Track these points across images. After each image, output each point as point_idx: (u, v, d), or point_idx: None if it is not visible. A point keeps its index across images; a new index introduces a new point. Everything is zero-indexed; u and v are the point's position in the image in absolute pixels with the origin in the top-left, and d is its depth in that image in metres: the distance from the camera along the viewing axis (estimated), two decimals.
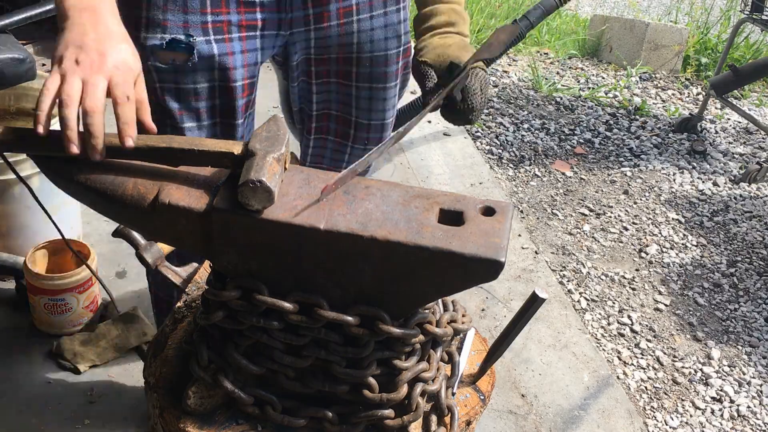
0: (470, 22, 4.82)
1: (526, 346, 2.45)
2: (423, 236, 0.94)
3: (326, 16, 1.42)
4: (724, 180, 3.58)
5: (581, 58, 4.84)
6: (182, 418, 1.07)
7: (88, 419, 1.99)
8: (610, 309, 2.74)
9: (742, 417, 2.36)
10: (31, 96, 2.46)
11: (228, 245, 0.99)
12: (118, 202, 1.03)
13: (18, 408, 2.01)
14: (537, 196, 3.35)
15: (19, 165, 2.19)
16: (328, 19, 1.42)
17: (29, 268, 2.13)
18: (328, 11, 1.41)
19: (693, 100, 4.40)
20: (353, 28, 1.45)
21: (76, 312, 2.19)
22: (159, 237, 1.14)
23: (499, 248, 0.93)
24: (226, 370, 1.06)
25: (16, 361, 2.14)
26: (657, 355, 2.56)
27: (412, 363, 1.05)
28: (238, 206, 0.95)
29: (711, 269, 2.98)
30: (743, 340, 2.65)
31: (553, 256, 2.98)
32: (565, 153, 3.70)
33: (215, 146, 1.01)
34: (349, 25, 1.44)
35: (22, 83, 2.23)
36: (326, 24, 1.43)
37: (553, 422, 2.20)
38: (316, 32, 1.43)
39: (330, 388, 1.05)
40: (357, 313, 1.00)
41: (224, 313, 1.03)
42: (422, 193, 1.03)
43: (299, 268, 1.00)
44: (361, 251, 0.95)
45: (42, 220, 2.33)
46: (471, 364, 1.23)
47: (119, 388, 2.08)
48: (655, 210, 3.31)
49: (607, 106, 4.18)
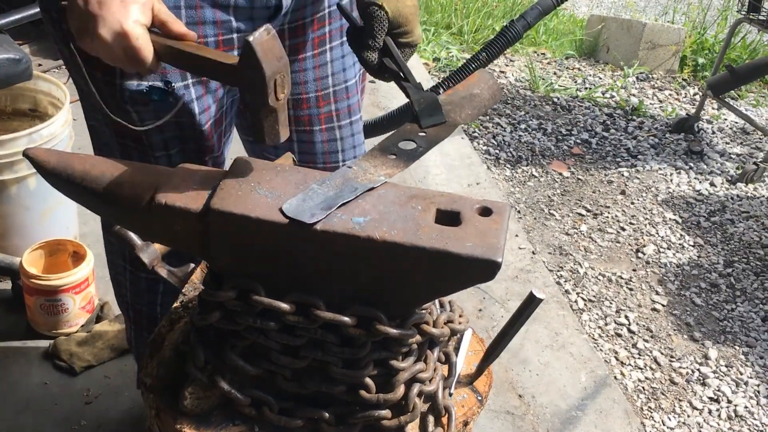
0: (468, 21, 4.83)
1: (524, 346, 2.45)
2: (420, 237, 0.94)
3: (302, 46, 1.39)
4: (721, 180, 3.59)
5: (578, 58, 4.84)
6: (179, 419, 1.07)
7: (84, 420, 1.99)
8: (608, 309, 2.74)
9: (740, 417, 2.37)
10: (27, 96, 2.46)
11: (224, 246, 0.99)
12: (114, 202, 1.03)
13: (14, 409, 2.01)
14: (534, 197, 3.35)
15: (15, 165, 2.19)
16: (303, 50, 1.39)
17: (25, 269, 2.13)
18: (304, 41, 1.38)
19: (690, 100, 4.41)
20: (327, 58, 1.43)
21: (72, 312, 2.19)
22: (155, 238, 1.14)
23: (496, 248, 0.93)
24: (222, 370, 1.06)
25: (12, 362, 2.14)
26: (654, 356, 2.56)
27: (409, 363, 1.05)
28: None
29: (708, 269, 2.98)
30: (740, 340, 2.65)
31: (551, 256, 2.98)
32: (562, 153, 3.70)
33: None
34: (323, 54, 1.42)
35: (18, 83, 2.23)
36: (302, 55, 1.40)
37: (551, 423, 2.20)
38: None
39: (327, 389, 1.05)
40: (354, 314, 0.99)
41: (221, 313, 1.03)
42: (419, 193, 1.02)
43: (296, 269, 0.99)
44: (358, 252, 0.95)
45: (38, 220, 2.34)
46: (468, 364, 1.23)
47: (116, 389, 2.08)
48: (652, 210, 3.32)
49: (604, 106, 4.18)
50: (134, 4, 1.02)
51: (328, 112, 1.48)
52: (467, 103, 1.21)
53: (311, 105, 1.46)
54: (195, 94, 1.29)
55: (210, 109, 1.33)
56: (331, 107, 1.48)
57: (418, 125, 1.15)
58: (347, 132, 1.52)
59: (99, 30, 1.01)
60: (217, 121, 1.37)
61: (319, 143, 1.50)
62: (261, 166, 1.06)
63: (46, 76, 2.44)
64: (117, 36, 1.01)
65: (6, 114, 2.47)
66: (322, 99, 1.46)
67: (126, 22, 1.01)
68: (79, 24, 1.04)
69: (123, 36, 1.01)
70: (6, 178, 2.20)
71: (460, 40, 4.80)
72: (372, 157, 1.08)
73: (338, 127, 1.50)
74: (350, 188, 1.01)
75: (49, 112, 2.41)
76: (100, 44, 1.02)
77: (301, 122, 1.47)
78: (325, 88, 1.46)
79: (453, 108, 1.19)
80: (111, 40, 1.01)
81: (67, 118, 2.29)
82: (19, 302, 2.24)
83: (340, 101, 1.48)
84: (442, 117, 1.15)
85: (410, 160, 1.10)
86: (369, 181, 1.02)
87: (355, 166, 1.06)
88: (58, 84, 2.40)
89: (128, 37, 1.01)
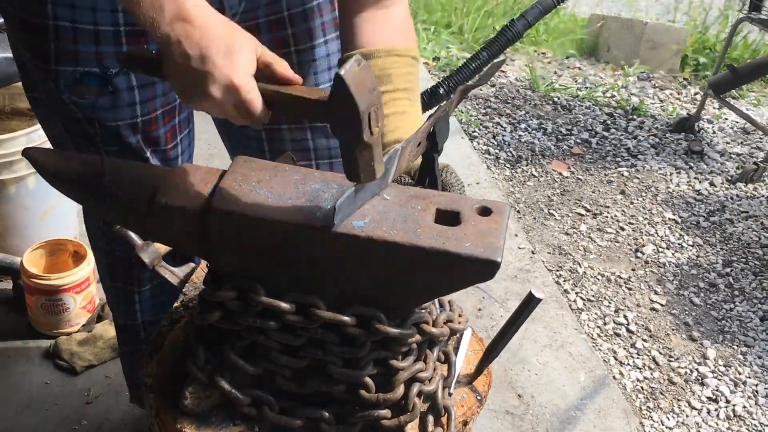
0: (468, 20, 4.83)
1: (523, 346, 2.46)
2: (420, 236, 0.94)
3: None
4: (721, 180, 3.59)
5: (579, 57, 4.84)
6: (179, 419, 1.07)
7: (85, 420, 1.99)
8: (606, 309, 2.75)
9: (738, 417, 2.37)
10: (26, 96, 2.46)
11: (224, 245, 0.99)
12: (114, 202, 1.03)
13: (15, 408, 2.01)
14: (534, 196, 3.35)
15: (14, 165, 2.19)
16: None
17: (26, 269, 2.13)
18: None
19: (691, 99, 4.41)
20: None
21: (73, 312, 2.19)
22: (155, 237, 1.14)
23: (495, 248, 0.93)
24: (222, 370, 1.06)
25: (13, 362, 2.14)
26: (653, 355, 2.56)
27: (408, 363, 1.05)
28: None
29: (707, 269, 2.98)
30: (739, 340, 2.65)
31: (550, 256, 2.98)
32: (562, 153, 3.70)
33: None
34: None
35: (17, 83, 2.23)
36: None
37: (550, 422, 2.21)
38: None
39: (327, 389, 1.05)
40: (354, 313, 1.00)
41: (221, 313, 1.03)
42: (419, 193, 1.03)
43: (296, 269, 1.00)
44: (358, 251, 0.95)
45: (38, 220, 2.34)
46: (467, 364, 1.23)
47: (116, 389, 2.08)
48: (652, 210, 3.32)
49: (604, 105, 4.18)
50: (240, 53, 0.96)
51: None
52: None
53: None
54: (136, 82, 1.26)
55: (155, 100, 1.29)
56: None
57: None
58: (319, 133, 1.46)
59: (209, 89, 0.95)
60: (167, 114, 1.34)
61: (288, 142, 1.46)
62: (261, 166, 1.06)
63: None
64: (227, 91, 0.95)
65: (5, 113, 2.47)
66: None
67: (235, 76, 0.94)
68: (184, 84, 0.97)
69: (234, 90, 0.95)
70: (5, 177, 2.20)
71: (460, 39, 4.80)
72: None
73: (309, 128, 1.45)
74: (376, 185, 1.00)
75: None
76: (212, 104, 0.97)
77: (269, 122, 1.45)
78: None
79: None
80: (222, 97, 0.95)
81: None
82: (20, 302, 2.24)
83: None
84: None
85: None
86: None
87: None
88: None
89: (239, 91, 0.95)
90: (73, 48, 1.21)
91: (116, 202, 1.03)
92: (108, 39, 1.22)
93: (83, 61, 1.22)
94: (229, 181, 1.01)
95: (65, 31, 1.20)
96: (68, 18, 1.20)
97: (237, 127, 1.35)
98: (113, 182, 1.03)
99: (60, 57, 1.22)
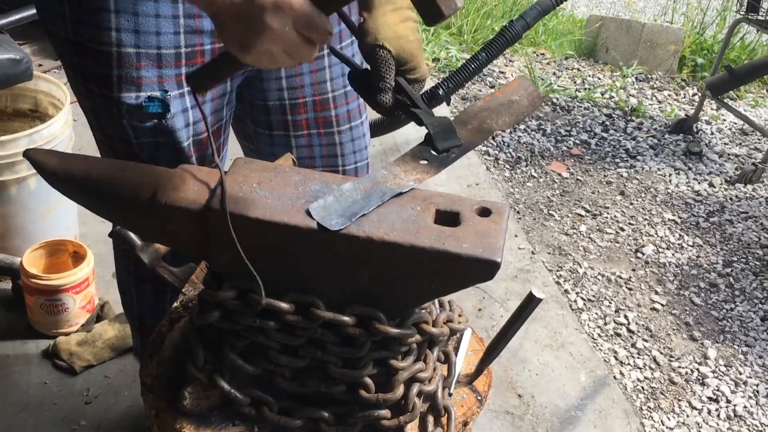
0: (467, 21, 4.84)
1: (523, 346, 2.46)
2: (419, 237, 0.94)
3: None
4: (720, 181, 3.59)
5: (578, 58, 4.84)
6: (178, 419, 1.07)
7: (84, 420, 1.99)
8: (607, 309, 2.75)
9: (739, 417, 2.37)
10: (27, 97, 2.46)
11: (224, 246, 0.99)
12: (114, 202, 1.03)
13: (14, 408, 2.01)
14: (533, 197, 3.35)
15: (15, 166, 2.19)
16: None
17: (26, 269, 2.13)
18: None
19: (689, 100, 4.41)
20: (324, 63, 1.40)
21: (72, 312, 2.19)
22: (156, 238, 1.14)
23: (495, 249, 0.93)
24: (222, 370, 1.06)
25: (12, 362, 2.14)
26: (653, 355, 2.56)
27: (408, 363, 1.05)
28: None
29: (707, 269, 2.99)
30: (739, 340, 2.65)
31: (550, 256, 2.98)
32: (562, 154, 3.71)
33: None
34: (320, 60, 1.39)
35: (18, 84, 2.23)
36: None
37: (550, 422, 2.21)
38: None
39: (326, 389, 1.05)
40: (353, 313, 1.00)
41: (220, 313, 1.03)
42: (418, 194, 1.03)
43: (295, 269, 1.00)
44: (358, 252, 0.96)
45: (38, 220, 2.34)
46: (468, 364, 1.23)
47: (116, 389, 2.08)
48: (651, 211, 3.32)
49: (603, 107, 4.19)
50: None
51: (327, 117, 1.46)
52: (505, 109, 1.19)
53: (308, 109, 1.45)
54: (189, 104, 1.28)
55: (206, 119, 1.30)
56: (330, 112, 1.46)
57: (435, 150, 1.11)
58: (347, 137, 1.50)
59: (264, 19, 0.88)
60: (215, 133, 1.36)
61: (317, 147, 1.49)
62: (261, 167, 1.06)
63: (46, 77, 2.44)
64: (281, 14, 0.88)
65: (6, 114, 2.47)
66: (320, 104, 1.44)
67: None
68: (240, 32, 0.91)
69: (287, 8, 0.88)
70: (6, 178, 2.20)
71: (460, 40, 4.80)
72: (403, 162, 1.07)
73: (337, 132, 1.49)
74: (379, 193, 1.00)
75: (50, 112, 2.41)
76: (273, 36, 0.90)
77: (298, 127, 1.47)
78: (323, 93, 1.44)
79: (489, 114, 1.18)
80: (279, 23, 0.89)
81: (67, 118, 2.29)
82: (19, 302, 2.24)
83: (340, 107, 1.47)
84: (457, 140, 1.12)
85: (442, 165, 1.08)
86: (398, 186, 1.02)
87: (386, 170, 1.05)
88: (59, 84, 2.40)
89: (292, 6, 0.88)
90: (136, 74, 1.21)
91: (116, 202, 1.03)
92: (169, 62, 1.22)
93: (146, 86, 1.22)
94: (230, 182, 1.01)
95: (128, 57, 1.19)
96: (132, 44, 1.19)
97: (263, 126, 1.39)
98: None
99: (122, 83, 1.20)
